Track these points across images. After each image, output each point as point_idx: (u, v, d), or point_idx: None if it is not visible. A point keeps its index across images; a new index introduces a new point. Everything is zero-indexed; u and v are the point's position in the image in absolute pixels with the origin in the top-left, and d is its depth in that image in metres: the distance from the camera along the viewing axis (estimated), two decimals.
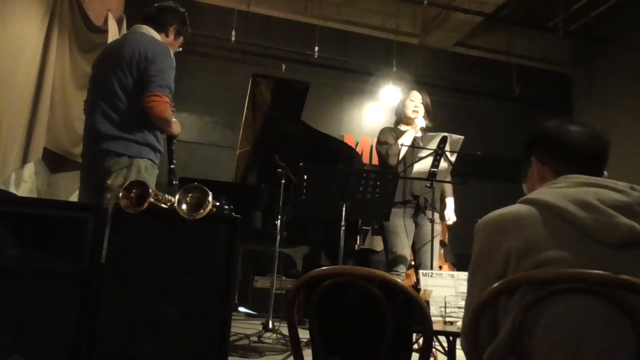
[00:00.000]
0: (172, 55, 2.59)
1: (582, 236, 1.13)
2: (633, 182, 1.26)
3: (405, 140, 3.41)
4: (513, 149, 5.84)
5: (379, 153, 3.59)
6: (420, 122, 3.48)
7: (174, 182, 2.57)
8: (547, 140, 1.36)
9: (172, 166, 2.62)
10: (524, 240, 1.16)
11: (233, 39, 6.29)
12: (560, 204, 1.16)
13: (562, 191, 1.20)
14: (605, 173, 1.32)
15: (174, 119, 2.61)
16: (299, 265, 6.06)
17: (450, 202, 3.67)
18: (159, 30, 2.66)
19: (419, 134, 3.52)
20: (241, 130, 4.34)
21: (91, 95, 2.64)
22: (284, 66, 6.15)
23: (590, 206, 1.14)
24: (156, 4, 2.75)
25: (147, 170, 2.50)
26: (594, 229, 1.12)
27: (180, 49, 2.85)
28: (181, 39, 2.80)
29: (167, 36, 2.71)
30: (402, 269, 3.35)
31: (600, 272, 1.00)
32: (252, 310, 4.87)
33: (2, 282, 1.78)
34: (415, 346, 2.30)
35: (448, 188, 3.66)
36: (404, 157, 3.40)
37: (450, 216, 3.66)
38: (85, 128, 2.61)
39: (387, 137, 3.53)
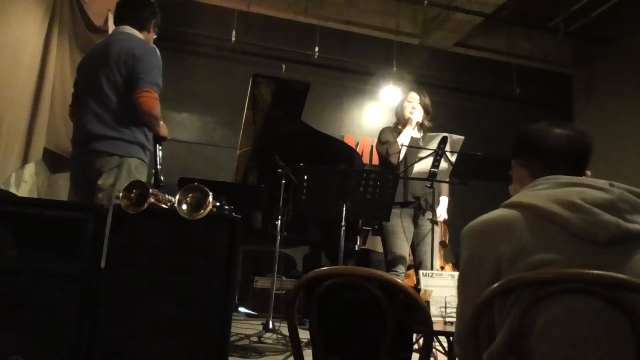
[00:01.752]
0: (158, 53, 2.61)
1: (570, 236, 1.13)
2: (633, 182, 1.26)
3: (404, 139, 3.41)
4: None
5: (379, 153, 3.59)
6: (416, 117, 3.50)
7: (160, 184, 2.58)
8: (524, 142, 1.38)
9: (159, 167, 2.63)
10: (514, 244, 1.15)
11: (233, 39, 6.30)
12: (545, 206, 1.16)
13: (545, 192, 1.20)
14: (589, 173, 1.32)
15: (161, 122, 2.62)
16: (299, 265, 6.06)
17: (444, 200, 3.67)
18: (140, 29, 2.69)
19: (419, 134, 3.52)
20: (241, 130, 4.34)
21: (79, 96, 2.65)
22: (284, 66, 6.14)
23: (575, 206, 1.14)
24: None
25: (138, 169, 2.51)
26: (581, 229, 1.12)
27: (156, 35, 2.86)
28: (156, 28, 2.83)
29: (149, 33, 2.74)
30: (401, 269, 3.35)
31: (599, 272, 1.00)
32: (252, 311, 4.87)
33: (2, 282, 1.78)
34: (416, 346, 2.30)
35: (444, 187, 3.66)
36: (404, 157, 3.40)
37: (442, 213, 3.66)
38: (74, 129, 2.62)
39: (388, 136, 3.54)
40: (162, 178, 2.61)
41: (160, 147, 2.69)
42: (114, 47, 2.54)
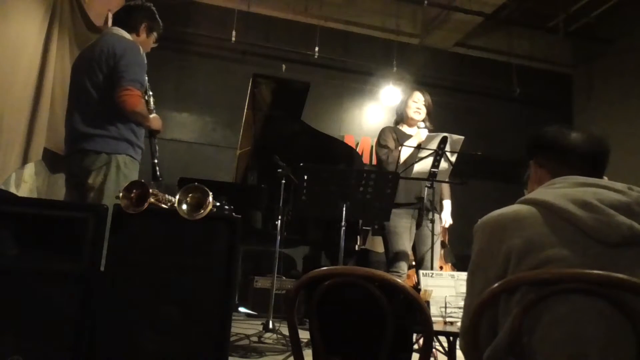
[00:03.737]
0: (141, 51, 2.63)
1: (582, 235, 1.13)
2: (633, 182, 1.26)
3: (406, 149, 3.36)
4: (513, 149, 5.84)
5: (378, 157, 3.57)
6: (424, 133, 3.41)
7: (159, 178, 2.59)
8: (544, 142, 1.37)
9: (156, 161, 2.63)
10: (524, 239, 1.16)
11: (233, 39, 6.29)
12: (560, 204, 1.16)
13: (562, 191, 1.20)
14: (605, 178, 1.32)
15: (154, 115, 2.63)
16: (299, 265, 6.06)
17: (447, 204, 3.67)
18: (130, 30, 2.70)
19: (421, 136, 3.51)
20: (241, 131, 4.34)
21: (69, 99, 2.69)
22: (284, 66, 6.15)
23: (589, 205, 1.14)
24: (124, 5, 2.78)
25: (127, 166, 2.51)
26: (594, 228, 1.12)
27: (156, 44, 2.86)
28: (154, 34, 2.82)
29: (138, 35, 2.74)
30: (402, 269, 3.34)
31: (601, 272, 1.00)
32: (252, 311, 4.86)
33: (2, 282, 1.78)
34: (416, 346, 2.30)
35: (446, 190, 3.66)
36: (405, 160, 3.38)
37: (447, 219, 3.65)
38: (65, 130, 2.65)
39: (388, 139, 3.52)
40: (157, 174, 2.61)
41: (155, 141, 2.69)
42: (97, 48, 2.58)
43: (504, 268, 1.17)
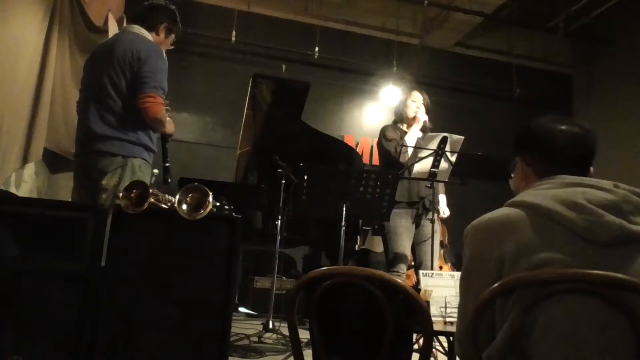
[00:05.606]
0: (164, 56, 2.59)
1: (573, 236, 1.13)
2: (633, 182, 1.26)
3: (411, 137, 3.40)
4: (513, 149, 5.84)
5: (385, 150, 3.51)
6: (423, 116, 3.48)
7: (169, 180, 2.58)
8: (531, 142, 1.35)
9: (167, 164, 2.63)
10: (516, 243, 1.15)
11: (233, 39, 6.30)
12: (549, 206, 1.16)
13: (550, 192, 1.20)
14: (592, 169, 1.31)
15: (168, 118, 2.62)
16: (299, 265, 6.06)
17: (442, 198, 3.67)
18: (149, 29, 2.65)
19: (420, 134, 3.52)
20: (241, 131, 4.35)
21: (83, 95, 2.64)
22: (284, 66, 6.15)
23: (578, 206, 1.14)
24: (146, 2, 2.74)
25: (142, 169, 2.50)
26: (584, 229, 1.12)
27: (172, 46, 2.83)
28: (173, 36, 2.79)
29: (157, 34, 2.70)
30: (402, 269, 3.34)
31: (599, 272, 1.01)
32: (252, 311, 4.87)
33: (2, 282, 1.78)
34: (416, 346, 2.30)
35: (441, 185, 3.66)
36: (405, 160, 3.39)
37: (445, 210, 3.65)
38: (78, 128, 2.61)
39: (393, 134, 3.51)
40: (168, 177, 2.61)
41: (168, 144, 2.68)
42: (119, 47, 2.52)
43: (498, 273, 1.16)
